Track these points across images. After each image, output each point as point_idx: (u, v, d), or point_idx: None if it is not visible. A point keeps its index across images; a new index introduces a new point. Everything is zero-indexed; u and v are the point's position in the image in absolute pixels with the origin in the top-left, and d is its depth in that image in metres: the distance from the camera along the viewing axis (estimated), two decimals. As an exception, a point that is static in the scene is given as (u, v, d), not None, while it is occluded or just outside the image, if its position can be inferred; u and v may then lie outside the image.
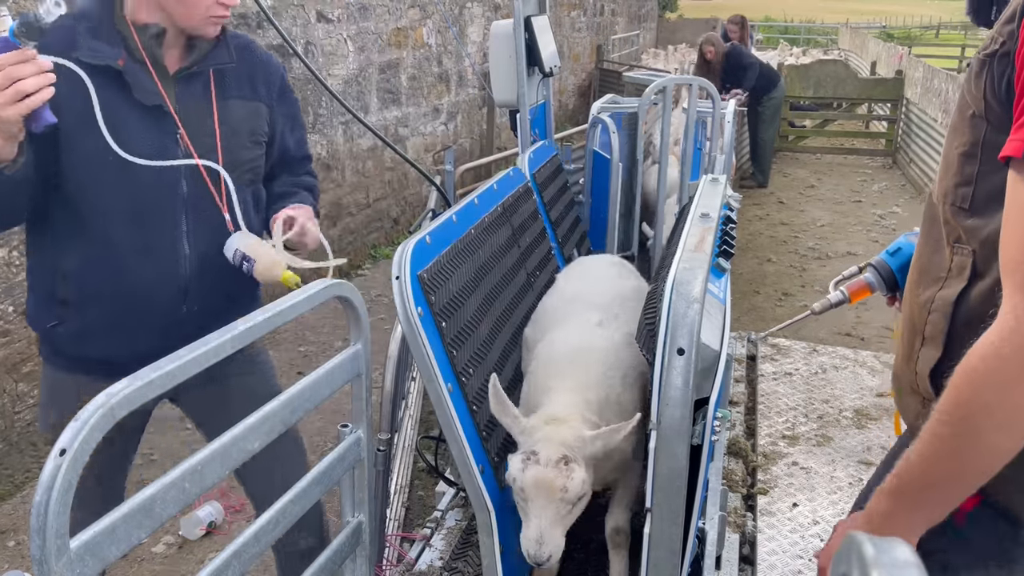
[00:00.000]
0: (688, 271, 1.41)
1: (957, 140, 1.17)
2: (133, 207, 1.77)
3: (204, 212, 1.83)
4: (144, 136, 1.74)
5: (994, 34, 1.08)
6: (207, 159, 1.80)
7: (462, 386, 1.70)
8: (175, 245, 1.81)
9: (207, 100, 1.84)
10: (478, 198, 2.16)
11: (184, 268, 1.83)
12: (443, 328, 1.68)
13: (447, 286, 1.77)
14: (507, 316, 2.13)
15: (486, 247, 2.10)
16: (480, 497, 1.65)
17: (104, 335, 1.82)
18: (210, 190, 1.83)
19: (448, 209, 2.05)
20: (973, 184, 1.13)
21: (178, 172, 1.79)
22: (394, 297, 1.58)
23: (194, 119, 1.81)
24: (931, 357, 1.19)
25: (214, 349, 1.13)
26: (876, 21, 38.08)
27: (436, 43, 7.74)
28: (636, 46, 16.52)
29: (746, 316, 5.51)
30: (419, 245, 1.69)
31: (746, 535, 2.41)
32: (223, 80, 1.87)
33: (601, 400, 1.84)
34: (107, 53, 1.70)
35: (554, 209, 2.94)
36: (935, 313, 1.19)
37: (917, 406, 1.25)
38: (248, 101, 1.91)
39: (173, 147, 1.77)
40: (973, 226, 1.14)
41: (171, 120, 1.77)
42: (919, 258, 1.29)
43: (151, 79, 1.75)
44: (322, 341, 5.03)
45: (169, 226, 1.81)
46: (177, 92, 1.80)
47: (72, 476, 0.91)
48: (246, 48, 1.97)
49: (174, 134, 1.78)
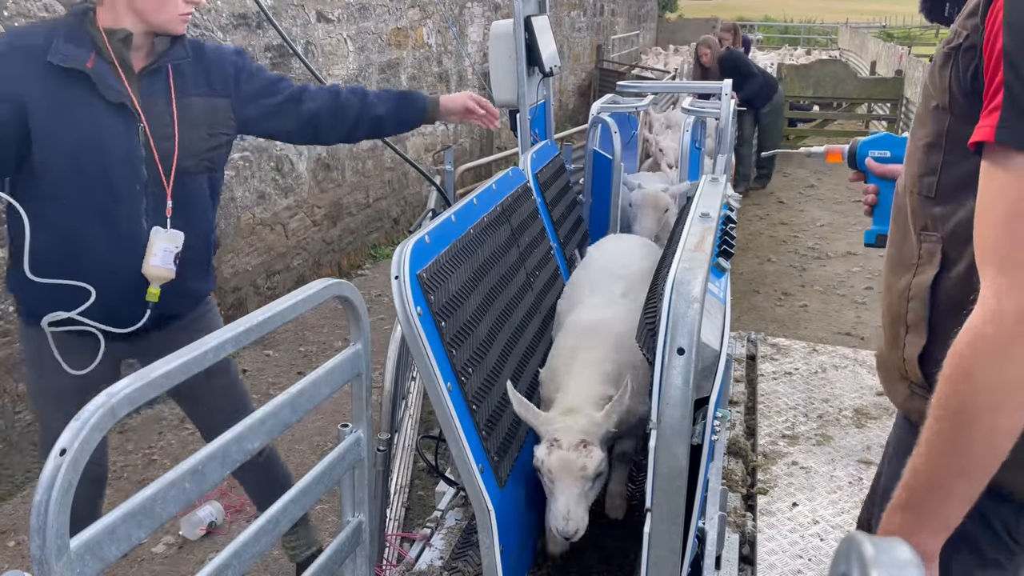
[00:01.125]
0: (688, 271, 1.41)
1: (921, 131, 1.22)
2: (102, 191, 1.99)
3: (159, 195, 2.07)
4: (109, 129, 1.96)
5: (957, 28, 1.11)
6: (165, 149, 2.04)
7: (461, 385, 1.70)
8: (137, 227, 2.04)
9: (167, 97, 2.05)
10: (477, 198, 2.16)
11: (145, 239, 2.05)
12: (442, 328, 1.69)
13: (446, 286, 1.77)
14: (506, 316, 2.13)
15: (485, 247, 2.10)
16: (480, 496, 1.65)
17: (73, 298, 2.01)
18: (160, 175, 2.05)
19: (447, 209, 2.05)
20: (938, 174, 1.18)
21: (139, 159, 2.00)
22: (393, 297, 1.58)
23: (155, 114, 2.03)
24: (917, 344, 1.22)
25: (214, 348, 1.13)
26: (876, 21, 38.07)
27: (436, 43, 7.74)
28: (636, 46, 16.52)
29: (746, 316, 5.51)
30: (418, 245, 1.69)
31: (746, 535, 2.41)
32: (182, 79, 2.09)
33: (622, 365, 2.06)
34: (77, 56, 1.92)
35: (556, 209, 2.94)
36: (914, 300, 1.22)
37: (905, 390, 1.28)
38: (205, 97, 2.13)
39: (136, 140, 2.00)
40: (940, 214, 1.18)
41: (134, 114, 1.99)
42: (891, 245, 1.33)
43: (118, 78, 1.97)
44: (322, 341, 5.03)
45: (133, 203, 2.03)
46: (141, 89, 2.02)
47: (72, 476, 0.91)
48: (199, 49, 2.18)
49: (136, 128, 1.99)
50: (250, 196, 5.16)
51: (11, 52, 1.93)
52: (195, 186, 2.14)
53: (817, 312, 5.61)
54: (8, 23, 3.36)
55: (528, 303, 2.34)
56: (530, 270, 2.43)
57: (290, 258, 5.64)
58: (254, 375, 4.53)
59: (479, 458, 1.68)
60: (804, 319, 5.51)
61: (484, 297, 2.01)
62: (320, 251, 6.02)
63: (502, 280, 2.18)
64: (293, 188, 5.62)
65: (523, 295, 2.32)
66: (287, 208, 5.57)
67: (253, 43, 5.01)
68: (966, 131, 1.05)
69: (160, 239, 2.06)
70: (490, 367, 1.91)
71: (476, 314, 1.91)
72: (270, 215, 5.39)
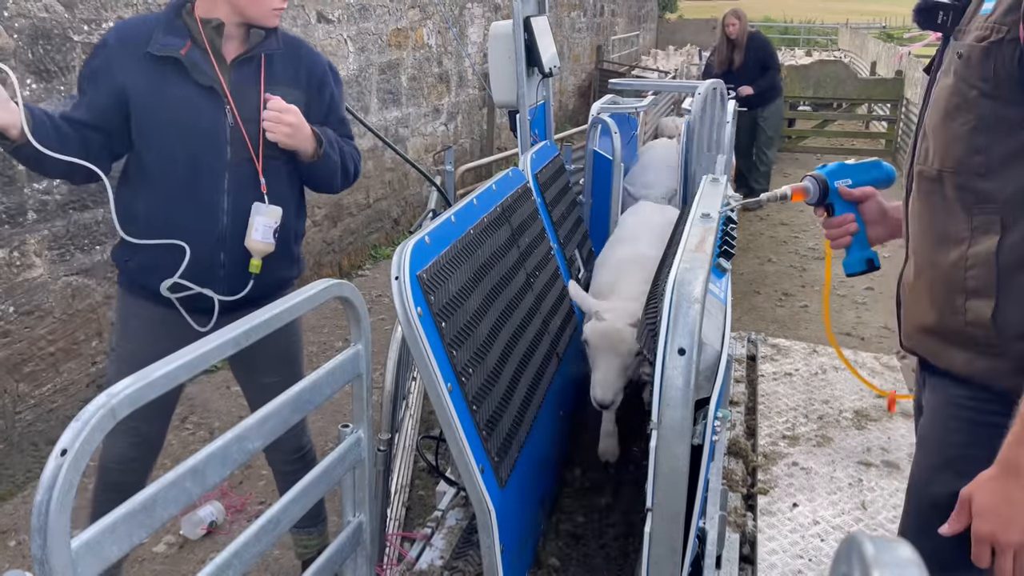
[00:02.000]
0: (689, 271, 1.41)
1: (961, 119, 1.36)
2: (188, 165, 2.14)
3: (243, 176, 2.18)
4: (200, 111, 2.12)
5: (995, 24, 1.29)
6: (252, 131, 2.16)
7: (462, 386, 1.70)
8: (217, 199, 2.17)
9: (256, 84, 2.18)
10: (477, 198, 2.17)
11: (222, 220, 2.18)
12: (443, 328, 1.69)
13: (446, 286, 1.77)
14: (507, 316, 2.13)
15: (485, 247, 2.11)
16: (480, 496, 1.65)
17: (159, 271, 2.18)
18: (250, 156, 2.17)
19: (447, 209, 2.06)
20: (985, 154, 1.33)
21: (224, 139, 2.14)
22: (393, 297, 1.58)
23: (243, 98, 2.16)
24: (986, 307, 1.34)
25: (216, 349, 1.13)
26: (876, 21, 38.06)
27: (436, 44, 7.74)
28: (636, 47, 16.53)
29: (746, 316, 5.51)
30: (418, 245, 1.70)
31: (746, 535, 2.41)
32: (272, 69, 2.21)
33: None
34: (172, 45, 2.10)
35: (556, 210, 2.94)
36: (977, 268, 1.35)
37: (965, 355, 1.38)
38: (291, 88, 2.23)
39: (223, 121, 2.14)
40: (992, 188, 1.33)
41: (222, 98, 2.13)
42: (932, 228, 1.44)
43: (210, 64, 2.12)
44: (323, 341, 5.03)
45: (215, 183, 2.16)
46: (232, 76, 2.16)
47: (74, 476, 0.91)
48: (295, 43, 2.32)
49: (224, 109, 2.13)
50: (250, 196, 5.17)
51: (117, 47, 2.13)
52: (279, 171, 2.25)
53: (817, 313, 5.60)
54: (7, 23, 3.36)
55: (528, 304, 2.34)
56: (530, 270, 2.43)
57: (290, 258, 5.65)
58: (254, 375, 4.53)
59: (479, 458, 1.68)
60: (804, 320, 5.51)
61: (484, 298, 2.01)
62: (320, 251, 6.02)
63: (502, 281, 2.18)
64: (293, 188, 5.63)
65: (523, 296, 2.32)
66: (287, 208, 5.58)
67: (253, 43, 5.02)
68: (1009, 113, 1.28)
69: (260, 214, 2.18)
70: (490, 368, 1.91)
71: (476, 315, 1.91)
72: (270, 215, 5.40)
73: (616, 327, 2.23)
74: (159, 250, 2.17)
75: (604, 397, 2.20)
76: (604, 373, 2.22)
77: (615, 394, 2.22)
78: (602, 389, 2.20)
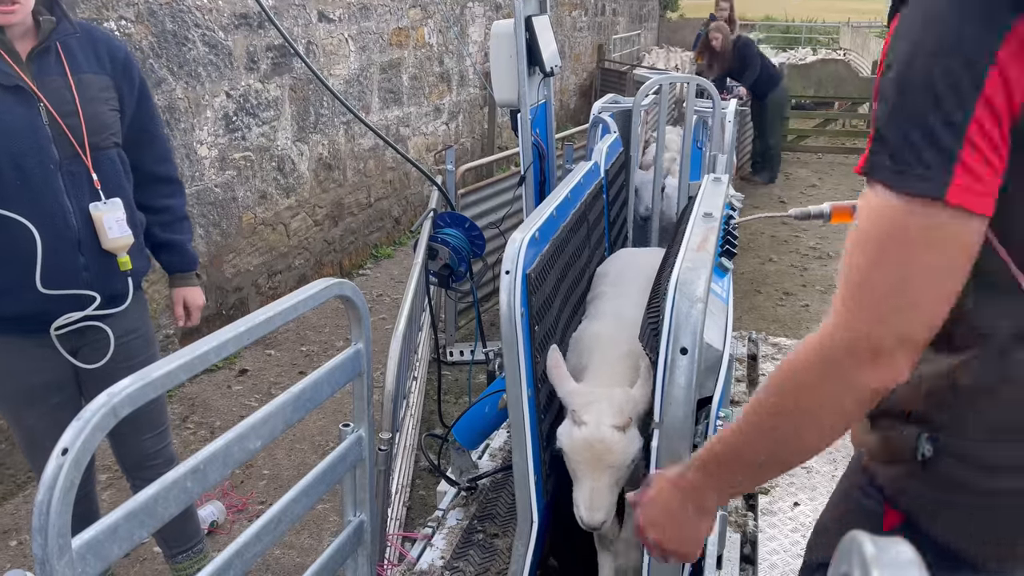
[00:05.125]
0: (691, 271, 1.41)
1: None
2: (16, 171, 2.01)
3: (77, 174, 2.09)
4: (12, 112, 2.00)
5: None
6: (73, 125, 2.05)
7: (536, 393, 1.66)
8: (61, 202, 2.06)
9: (61, 74, 2.08)
10: (571, 192, 1.99)
11: (73, 224, 2.08)
12: (535, 332, 1.62)
13: (543, 288, 1.69)
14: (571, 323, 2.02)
15: (569, 247, 1.99)
16: (528, 506, 1.62)
17: (16, 293, 2.06)
18: (76, 151, 2.07)
19: (547, 200, 1.88)
20: None
21: (45, 137, 2.03)
22: (500, 293, 1.49)
23: (53, 91, 2.05)
24: None
25: (215, 348, 1.13)
26: (878, 20, 38.00)
27: (437, 43, 7.74)
28: (637, 46, 16.51)
29: (747, 316, 5.50)
30: (532, 241, 1.59)
31: (747, 534, 2.41)
32: (73, 56, 2.11)
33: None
34: None
35: (613, 208, 2.83)
36: None
37: None
38: (98, 75, 2.15)
39: (38, 119, 2.02)
40: None
41: (31, 96, 2.02)
42: None
43: (6, 63, 2.00)
44: (323, 341, 5.03)
45: (50, 185, 2.05)
46: (34, 71, 2.04)
47: (74, 475, 0.91)
48: (88, 27, 2.21)
49: (36, 107, 2.02)
50: (251, 196, 5.16)
51: None
52: (111, 160, 2.18)
53: (818, 312, 5.60)
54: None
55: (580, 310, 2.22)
56: (590, 274, 2.32)
57: (292, 258, 5.64)
58: (255, 374, 4.53)
59: (536, 469, 1.65)
60: (806, 319, 5.50)
61: (562, 302, 1.92)
62: (322, 251, 6.02)
63: (573, 284, 2.07)
64: (295, 188, 5.62)
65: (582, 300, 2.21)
66: (288, 208, 5.57)
67: (254, 43, 5.01)
68: None
69: (104, 212, 2.11)
70: None
71: (555, 321, 1.83)
72: (272, 215, 5.39)
73: (599, 436, 1.67)
74: (3, 271, 2.06)
75: (593, 520, 1.67)
76: (590, 491, 1.67)
77: (607, 513, 1.69)
78: (589, 511, 1.67)
